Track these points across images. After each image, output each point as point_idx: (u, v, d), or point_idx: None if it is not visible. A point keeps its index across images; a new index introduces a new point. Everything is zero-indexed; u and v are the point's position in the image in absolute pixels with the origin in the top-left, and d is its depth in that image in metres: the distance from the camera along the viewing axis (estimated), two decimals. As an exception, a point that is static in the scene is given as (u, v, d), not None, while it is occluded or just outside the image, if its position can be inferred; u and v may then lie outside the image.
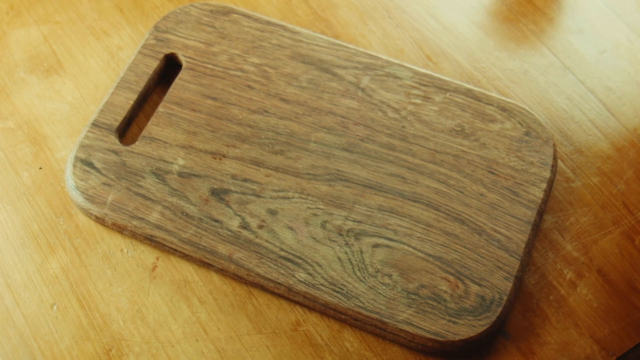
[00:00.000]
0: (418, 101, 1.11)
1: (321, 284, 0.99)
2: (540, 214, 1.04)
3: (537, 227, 1.03)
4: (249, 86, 1.13)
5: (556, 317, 0.99)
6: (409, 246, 1.00)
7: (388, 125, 1.09)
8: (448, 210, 1.03)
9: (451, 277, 0.98)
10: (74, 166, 1.06)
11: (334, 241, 1.00)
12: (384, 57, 1.15)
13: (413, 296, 0.97)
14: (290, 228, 1.02)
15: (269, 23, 1.18)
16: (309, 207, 1.03)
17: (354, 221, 1.02)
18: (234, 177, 1.06)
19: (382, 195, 1.04)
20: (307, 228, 1.02)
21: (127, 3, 1.24)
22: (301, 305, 0.99)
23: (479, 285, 0.97)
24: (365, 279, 0.98)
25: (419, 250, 1.00)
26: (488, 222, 1.02)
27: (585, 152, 1.10)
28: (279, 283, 0.99)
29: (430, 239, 1.01)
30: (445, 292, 0.97)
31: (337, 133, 1.09)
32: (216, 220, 1.03)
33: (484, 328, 0.96)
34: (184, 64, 1.15)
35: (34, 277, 1.02)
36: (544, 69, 1.17)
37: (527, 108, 1.11)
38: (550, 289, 1.00)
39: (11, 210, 1.07)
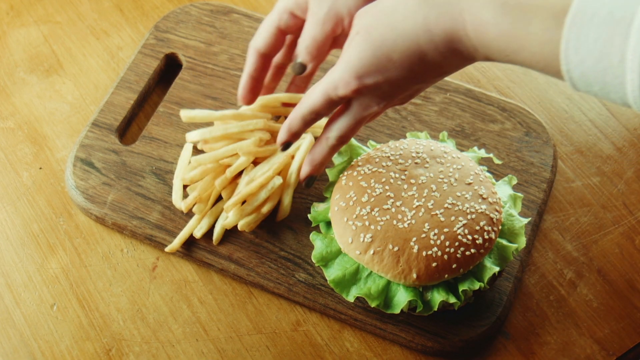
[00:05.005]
0: (418, 101, 1.11)
1: (321, 284, 0.99)
2: (540, 214, 1.04)
3: (537, 227, 1.03)
4: (249, 86, 1.13)
5: (556, 317, 0.99)
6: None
7: (388, 125, 1.10)
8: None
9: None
10: (74, 166, 1.06)
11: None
12: (384, 57, 1.15)
13: (413, 296, 0.97)
14: (290, 228, 1.02)
15: (269, 23, 1.18)
16: (308, 207, 1.03)
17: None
18: (234, 177, 1.06)
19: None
20: (307, 228, 1.02)
21: (127, 3, 1.24)
22: (301, 305, 0.99)
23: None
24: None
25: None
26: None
27: (585, 152, 1.10)
28: (279, 283, 0.99)
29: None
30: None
31: (337, 133, 1.09)
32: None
33: (484, 328, 0.96)
34: (184, 64, 1.15)
35: (34, 277, 1.02)
36: (544, 69, 1.17)
37: (527, 108, 1.11)
38: (550, 289, 1.00)
39: (11, 210, 1.07)
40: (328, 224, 0.97)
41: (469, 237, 0.89)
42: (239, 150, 1.00)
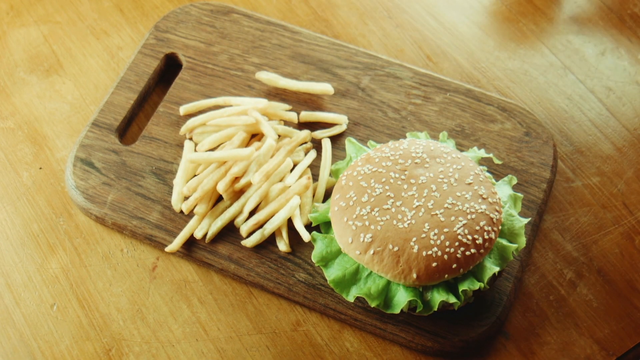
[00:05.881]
0: (418, 101, 1.11)
1: (321, 284, 0.99)
2: (540, 214, 1.04)
3: (537, 227, 1.03)
4: (249, 86, 1.13)
5: (556, 317, 0.99)
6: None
7: (388, 125, 1.10)
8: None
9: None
10: (74, 166, 1.06)
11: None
12: (384, 57, 1.15)
13: (413, 296, 0.97)
14: (290, 228, 1.02)
15: (269, 23, 1.18)
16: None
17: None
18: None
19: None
20: (307, 228, 1.02)
21: (127, 3, 1.24)
22: (301, 305, 0.99)
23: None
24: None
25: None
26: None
27: (585, 152, 1.10)
28: (279, 283, 0.99)
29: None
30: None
31: (337, 133, 1.09)
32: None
33: (484, 328, 0.96)
34: (184, 64, 1.15)
35: (34, 277, 1.02)
36: (544, 69, 1.17)
37: (527, 108, 1.11)
38: (550, 289, 1.00)
39: (11, 210, 1.07)
40: (328, 224, 0.97)
41: (469, 237, 0.89)
42: (238, 158, 1.00)
